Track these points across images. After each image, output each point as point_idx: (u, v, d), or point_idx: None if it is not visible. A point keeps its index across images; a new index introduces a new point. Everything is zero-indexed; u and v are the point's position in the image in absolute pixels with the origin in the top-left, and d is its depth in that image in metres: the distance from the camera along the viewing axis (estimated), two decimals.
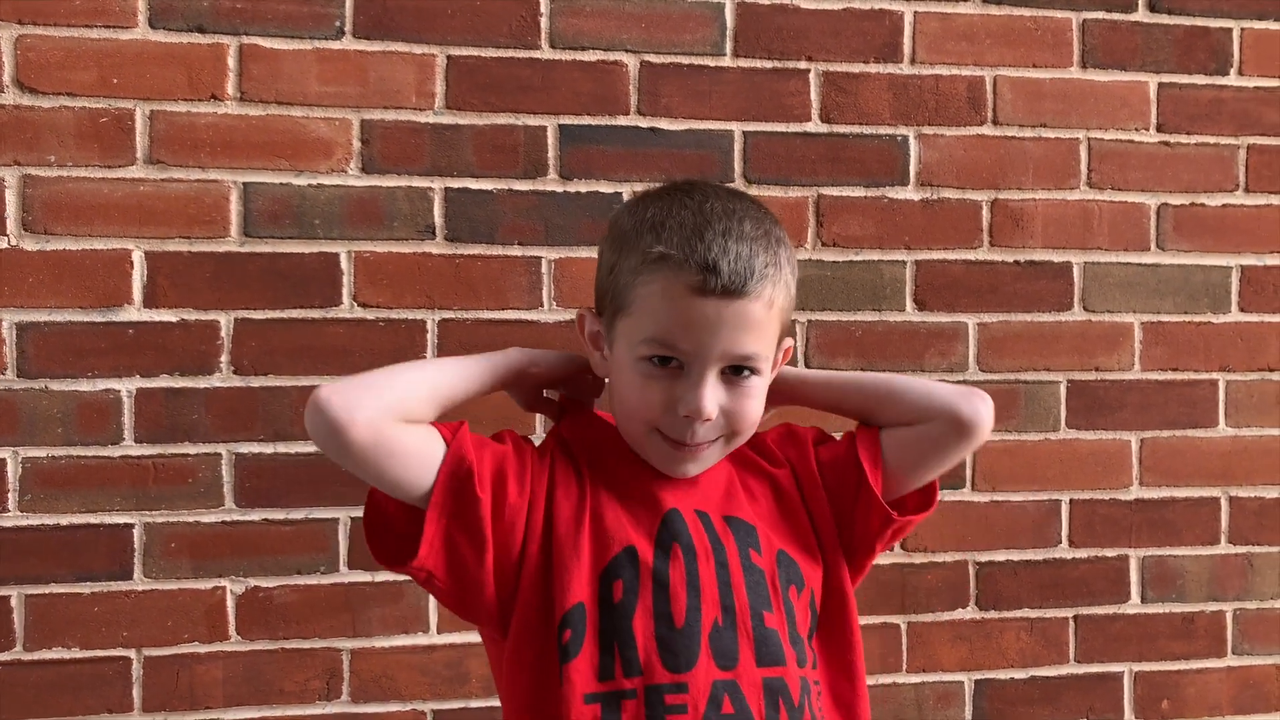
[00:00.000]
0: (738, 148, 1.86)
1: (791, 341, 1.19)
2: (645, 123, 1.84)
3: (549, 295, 1.80)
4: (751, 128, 1.86)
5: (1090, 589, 1.97)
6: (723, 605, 1.09)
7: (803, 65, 1.88)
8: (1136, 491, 1.99)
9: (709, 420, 1.09)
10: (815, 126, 1.88)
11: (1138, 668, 1.99)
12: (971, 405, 1.18)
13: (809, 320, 1.87)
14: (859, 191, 1.89)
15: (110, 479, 1.71)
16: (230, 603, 1.74)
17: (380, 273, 1.77)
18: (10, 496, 1.68)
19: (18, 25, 1.68)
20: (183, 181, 1.72)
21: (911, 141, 1.91)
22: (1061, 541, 1.96)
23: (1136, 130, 1.98)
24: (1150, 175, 1.98)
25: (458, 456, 1.08)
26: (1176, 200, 1.99)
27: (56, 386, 1.69)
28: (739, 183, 1.85)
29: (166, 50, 1.71)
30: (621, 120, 1.83)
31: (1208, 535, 2.01)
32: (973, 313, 1.93)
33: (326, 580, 1.76)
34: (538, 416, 1.67)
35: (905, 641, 1.92)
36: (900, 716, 1.92)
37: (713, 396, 1.08)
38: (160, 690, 1.72)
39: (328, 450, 1.05)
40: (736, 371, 1.10)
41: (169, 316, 1.72)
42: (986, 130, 1.94)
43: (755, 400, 1.12)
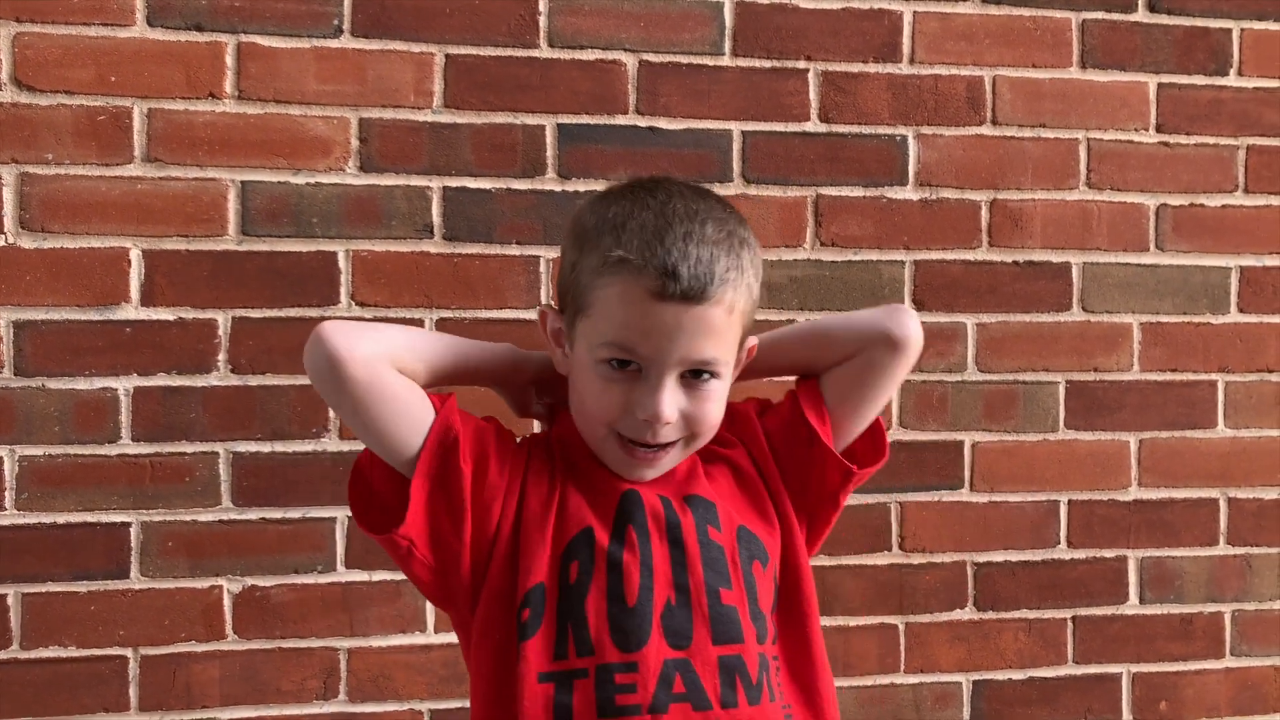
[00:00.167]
0: (736, 147, 1.85)
1: (755, 340, 1.18)
2: (644, 122, 1.84)
3: (547, 294, 1.80)
4: (750, 127, 1.86)
5: (1088, 590, 1.97)
6: (676, 584, 1.10)
7: (802, 65, 1.88)
8: (1135, 492, 1.99)
9: (668, 424, 1.09)
10: (814, 126, 1.88)
11: (1136, 669, 1.99)
12: (897, 320, 1.19)
13: (808, 320, 1.87)
14: (858, 191, 1.89)
15: (107, 478, 1.71)
16: (227, 602, 1.74)
17: (378, 272, 1.77)
18: (7, 495, 1.68)
19: (15, 23, 1.67)
20: (180, 180, 1.72)
21: (910, 141, 1.91)
22: (1060, 542, 1.96)
23: (1136, 130, 1.98)
24: (1149, 176, 1.98)
25: (446, 424, 1.09)
26: (1176, 201, 1.99)
27: (54, 385, 1.69)
28: (738, 182, 1.85)
29: (164, 48, 1.71)
30: (620, 119, 1.83)
31: (1206, 536, 2.01)
32: (971, 313, 1.93)
33: (324, 580, 1.76)
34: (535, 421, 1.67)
35: (903, 642, 1.91)
36: (898, 717, 1.92)
37: (671, 400, 1.08)
38: (157, 689, 1.72)
39: (324, 386, 1.06)
40: (696, 375, 1.10)
41: (166, 315, 1.72)
42: (985, 130, 1.93)
43: (715, 403, 1.12)
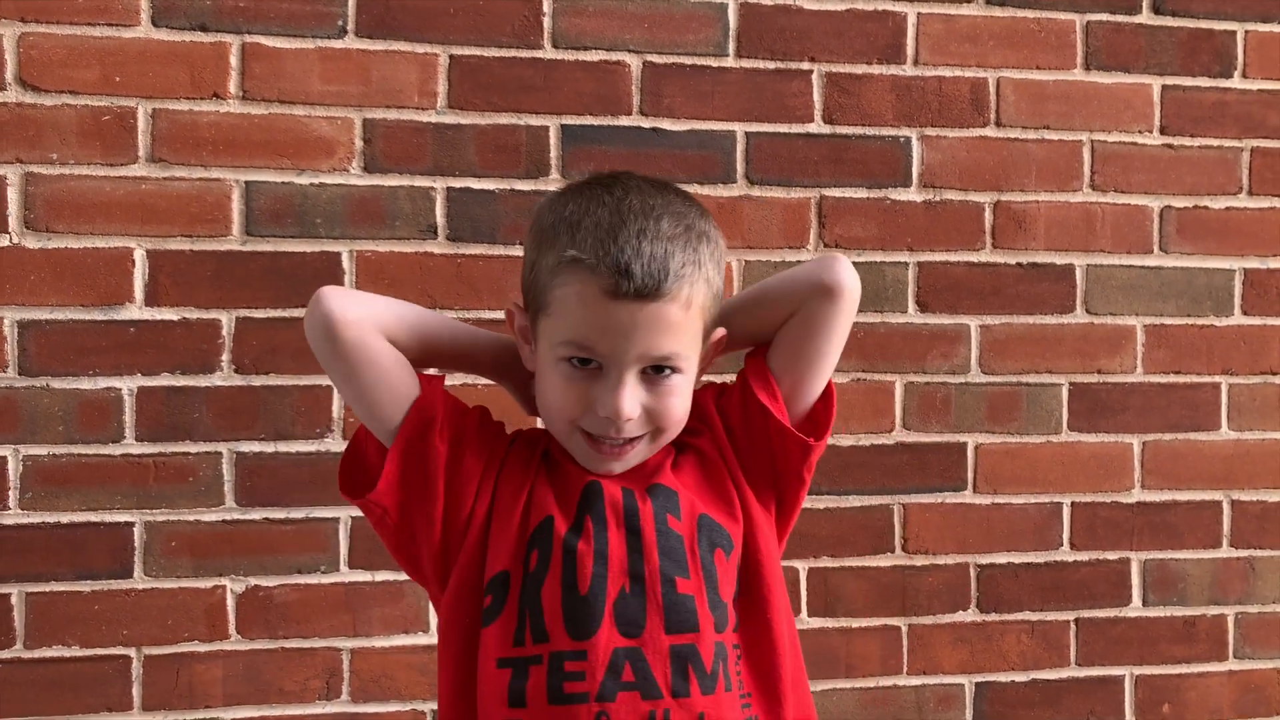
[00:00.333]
0: (740, 148, 1.85)
1: (724, 331, 1.17)
2: (648, 123, 1.84)
3: None
4: (754, 128, 1.86)
5: (1091, 592, 1.97)
6: (631, 573, 1.10)
7: (805, 66, 1.88)
8: (1138, 494, 1.98)
9: (630, 420, 1.09)
10: (818, 127, 1.88)
11: (1139, 671, 1.99)
12: (829, 268, 1.17)
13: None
14: (861, 193, 1.89)
15: (111, 477, 1.71)
16: (230, 602, 1.74)
17: (382, 272, 1.77)
18: (11, 494, 1.69)
19: (21, 23, 1.68)
20: (185, 180, 1.72)
21: (914, 143, 1.91)
22: (1063, 544, 1.96)
23: (1140, 132, 1.98)
24: (1153, 177, 1.98)
25: (428, 400, 1.12)
26: (1180, 203, 1.99)
27: (58, 384, 1.69)
28: (741, 184, 1.85)
29: (169, 49, 1.71)
30: (624, 120, 1.83)
31: (1209, 538, 2.01)
32: (975, 314, 1.93)
33: (327, 580, 1.76)
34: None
35: (906, 644, 1.91)
36: (901, 719, 1.91)
37: (632, 397, 1.09)
38: (160, 689, 1.72)
39: (320, 346, 1.10)
40: (658, 371, 1.10)
41: (170, 315, 1.72)
42: (989, 132, 1.93)
43: (678, 398, 1.12)
